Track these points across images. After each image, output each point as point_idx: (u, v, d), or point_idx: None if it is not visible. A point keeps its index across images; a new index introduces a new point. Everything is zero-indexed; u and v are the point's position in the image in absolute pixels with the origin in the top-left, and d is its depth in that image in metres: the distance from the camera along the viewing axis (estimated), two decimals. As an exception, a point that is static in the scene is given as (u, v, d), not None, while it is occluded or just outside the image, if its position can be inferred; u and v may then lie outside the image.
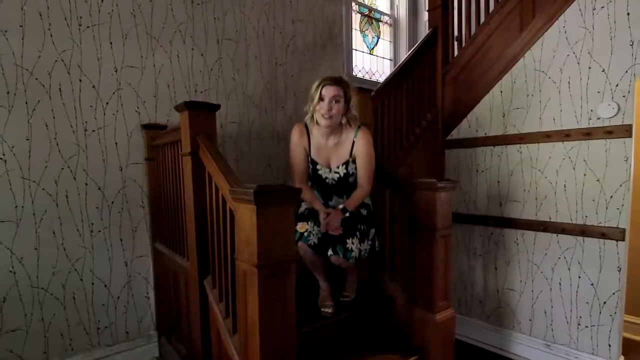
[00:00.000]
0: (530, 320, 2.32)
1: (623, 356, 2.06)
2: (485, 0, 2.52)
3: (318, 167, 1.78)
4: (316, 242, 1.71)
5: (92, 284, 2.24)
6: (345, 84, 1.73)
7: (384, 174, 2.02)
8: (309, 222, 1.72)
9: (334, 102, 1.68)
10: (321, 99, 1.69)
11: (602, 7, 1.98)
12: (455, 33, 2.76)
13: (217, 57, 2.73)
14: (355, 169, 1.81)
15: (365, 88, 2.23)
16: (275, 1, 3.06)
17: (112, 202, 2.30)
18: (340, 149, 1.78)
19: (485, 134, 2.53)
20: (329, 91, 1.67)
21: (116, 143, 2.31)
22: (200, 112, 1.59)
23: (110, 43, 2.27)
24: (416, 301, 1.89)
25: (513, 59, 2.36)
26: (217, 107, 1.66)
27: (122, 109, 2.32)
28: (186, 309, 1.99)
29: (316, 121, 1.75)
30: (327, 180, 1.79)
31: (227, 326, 1.47)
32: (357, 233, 1.73)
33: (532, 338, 2.31)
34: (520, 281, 2.36)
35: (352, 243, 1.70)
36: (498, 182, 2.47)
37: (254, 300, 1.16)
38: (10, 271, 1.97)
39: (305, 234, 1.70)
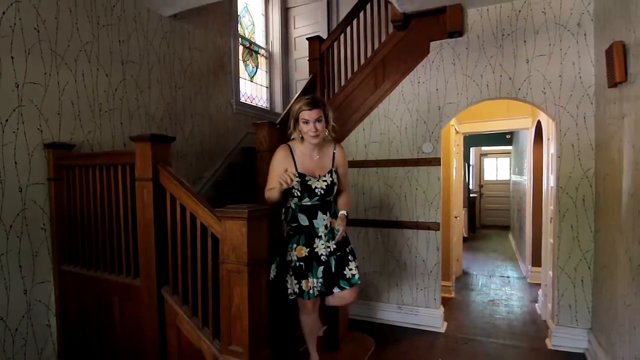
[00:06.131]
0: (388, 292, 3.27)
1: (442, 306, 3.19)
2: (351, 62, 3.42)
3: (307, 178, 1.89)
4: (320, 288, 1.93)
5: (-13, 318, 2.04)
6: (321, 103, 1.90)
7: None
8: (310, 278, 1.91)
9: (317, 122, 1.85)
10: (305, 122, 1.86)
11: (419, 84, 3.09)
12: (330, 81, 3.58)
13: (122, 78, 2.79)
14: (337, 178, 2.00)
15: (272, 122, 2.75)
16: (175, 30, 3.26)
17: (11, 227, 2.15)
18: (324, 160, 1.98)
19: (353, 159, 3.39)
20: (311, 115, 1.83)
21: (16, 162, 2.17)
22: (161, 144, 1.83)
23: (12, 57, 2.14)
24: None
25: (371, 107, 3.30)
26: (173, 139, 1.92)
27: (23, 127, 2.20)
28: (120, 323, 2.09)
29: (303, 140, 1.93)
30: (316, 190, 1.90)
31: (194, 322, 1.78)
32: (349, 256, 1.99)
33: (389, 304, 3.26)
34: (381, 265, 3.30)
35: (350, 269, 1.96)
36: (363, 193, 3.37)
37: (242, 291, 1.55)
38: None
39: (311, 291, 1.91)
